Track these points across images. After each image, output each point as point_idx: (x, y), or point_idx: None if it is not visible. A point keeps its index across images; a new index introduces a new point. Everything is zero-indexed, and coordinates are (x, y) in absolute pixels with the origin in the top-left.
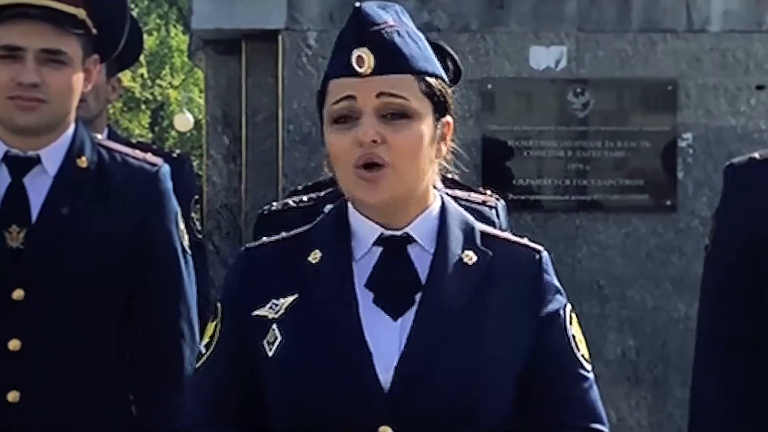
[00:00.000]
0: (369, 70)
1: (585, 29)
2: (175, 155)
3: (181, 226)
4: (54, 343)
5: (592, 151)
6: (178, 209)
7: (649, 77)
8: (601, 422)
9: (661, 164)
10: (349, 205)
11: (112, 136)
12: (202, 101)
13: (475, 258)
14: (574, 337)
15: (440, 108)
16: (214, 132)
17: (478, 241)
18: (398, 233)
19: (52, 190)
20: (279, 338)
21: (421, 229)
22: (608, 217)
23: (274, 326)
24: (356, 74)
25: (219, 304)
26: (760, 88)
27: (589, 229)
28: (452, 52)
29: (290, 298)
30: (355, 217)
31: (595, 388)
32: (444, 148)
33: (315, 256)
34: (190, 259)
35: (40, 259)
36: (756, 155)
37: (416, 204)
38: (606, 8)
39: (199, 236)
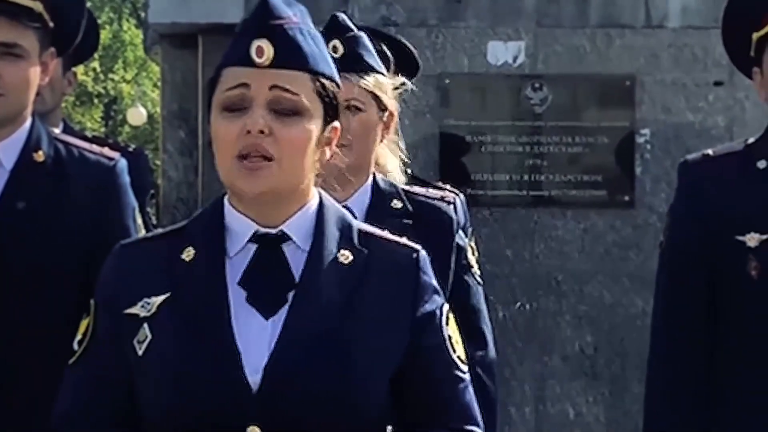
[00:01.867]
0: (267, 62)
1: (543, 24)
2: (131, 149)
3: (139, 220)
4: (9, 336)
5: (550, 147)
6: (136, 204)
7: (607, 73)
8: (475, 424)
9: (619, 160)
10: (226, 200)
11: (67, 130)
12: (155, 95)
13: (351, 257)
14: (450, 337)
15: (331, 111)
16: (170, 126)
17: (356, 240)
18: (273, 231)
19: (8, 184)
20: (149, 337)
21: (297, 227)
22: (566, 213)
23: (145, 325)
24: (253, 64)
25: (92, 302)
26: (718, 84)
27: (547, 225)
28: (411, 47)
29: (162, 297)
30: (231, 213)
31: (470, 390)
32: (329, 152)
33: (188, 254)
34: None
35: None
36: (710, 152)
37: (294, 202)
38: (564, 4)
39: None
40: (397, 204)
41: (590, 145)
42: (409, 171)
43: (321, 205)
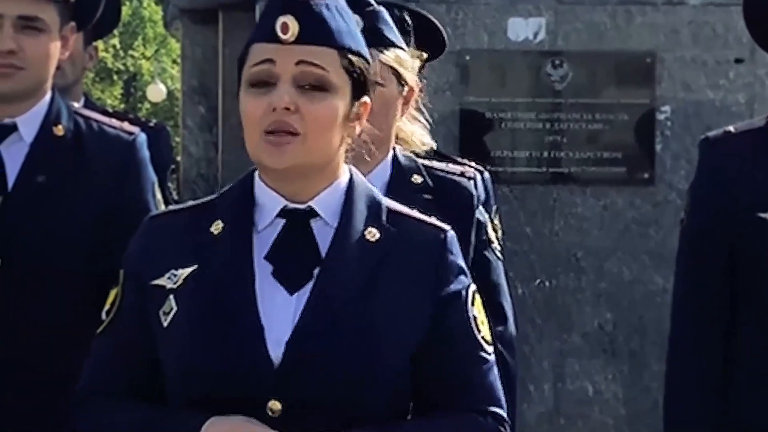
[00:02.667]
0: (292, 38)
1: (563, 1)
2: (151, 124)
3: (159, 195)
4: (30, 310)
5: (570, 124)
6: (156, 179)
7: (627, 50)
8: (499, 405)
9: (639, 137)
10: (256, 175)
11: (88, 104)
12: (174, 72)
13: (378, 235)
14: (475, 318)
15: (359, 87)
16: (190, 102)
17: (384, 218)
18: (302, 206)
19: (29, 157)
20: (174, 309)
21: (325, 204)
22: (586, 190)
23: (171, 296)
24: (279, 40)
25: (121, 272)
26: (738, 61)
27: (567, 202)
28: (439, 25)
29: (189, 269)
30: (260, 187)
31: (495, 371)
32: (358, 128)
33: (217, 227)
34: None
35: (16, 226)
36: (731, 128)
37: (323, 178)
38: None
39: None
40: (417, 179)
41: (610, 122)
42: (433, 146)
43: (351, 182)
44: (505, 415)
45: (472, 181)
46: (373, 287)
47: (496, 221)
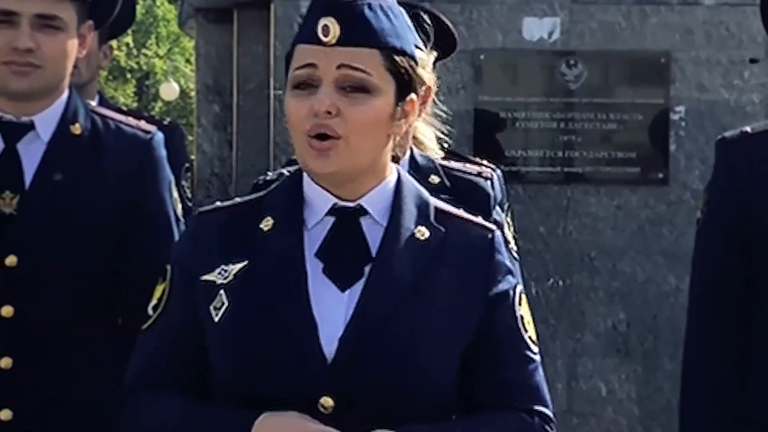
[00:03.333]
0: (333, 40)
1: (578, 1)
2: (165, 122)
3: (175, 194)
4: (47, 308)
5: (584, 123)
6: (172, 177)
7: (641, 50)
8: (544, 405)
9: (653, 137)
10: (305, 173)
11: (103, 102)
12: (187, 71)
13: (427, 234)
14: (522, 318)
15: (404, 86)
16: (204, 100)
17: (432, 217)
18: (351, 204)
19: (46, 156)
20: (226, 304)
21: (375, 202)
22: (599, 190)
23: (222, 292)
24: (320, 43)
25: (169, 267)
26: (753, 61)
27: (580, 202)
28: (449, 23)
29: (239, 265)
30: (309, 185)
31: (540, 371)
32: (405, 126)
33: (267, 223)
34: (183, 227)
35: (33, 225)
36: (748, 129)
37: (371, 177)
38: None
39: (190, 204)
40: (434, 179)
41: (624, 122)
42: (446, 145)
43: (399, 181)
44: (551, 414)
45: (488, 182)
46: (423, 285)
47: (509, 219)
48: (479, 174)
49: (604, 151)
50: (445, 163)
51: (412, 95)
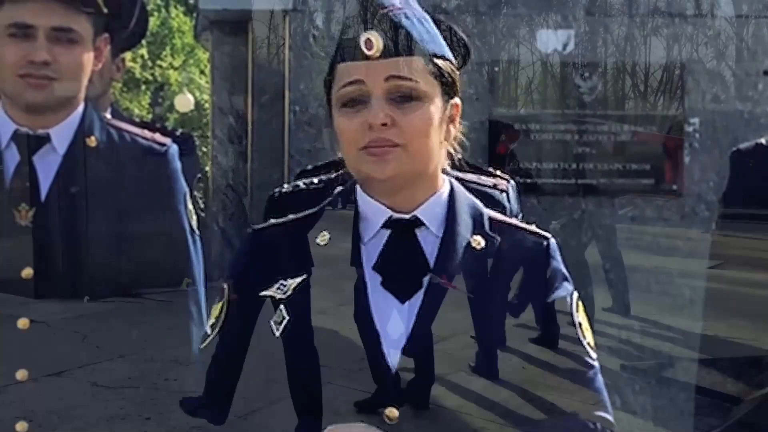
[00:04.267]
0: (377, 54)
1: (592, 13)
2: (178, 134)
3: (190, 206)
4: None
5: (599, 135)
6: (187, 189)
7: (656, 62)
8: (605, 410)
9: (667, 149)
10: (358, 187)
11: (115, 114)
12: (202, 82)
13: (483, 243)
14: (580, 324)
15: (449, 89)
16: (219, 112)
17: (487, 226)
18: (407, 216)
19: (62, 168)
20: (287, 318)
21: (429, 213)
22: (613, 201)
23: (282, 306)
24: (365, 57)
25: (225, 285)
26: (767, 73)
27: (595, 213)
28: (462, 35)
29: (298, 279)
30: (363, 199)
31: (600, 376)
32: (453, 130)
33: (323, 238)
34: (198, 239)
35: (49, 237)
36: (762, 140)
37: (425, 187)
38: None
39: (203, 214)
40: None
41: (639, 133)
42: (459, 156)
43: (452, 191)
44: (612, 420)
45: (504, 194)
46: (482, 295)
47: None
48: (494, 186)
49: (618, 163)
50: (459, 174)
51: (456, 99)
